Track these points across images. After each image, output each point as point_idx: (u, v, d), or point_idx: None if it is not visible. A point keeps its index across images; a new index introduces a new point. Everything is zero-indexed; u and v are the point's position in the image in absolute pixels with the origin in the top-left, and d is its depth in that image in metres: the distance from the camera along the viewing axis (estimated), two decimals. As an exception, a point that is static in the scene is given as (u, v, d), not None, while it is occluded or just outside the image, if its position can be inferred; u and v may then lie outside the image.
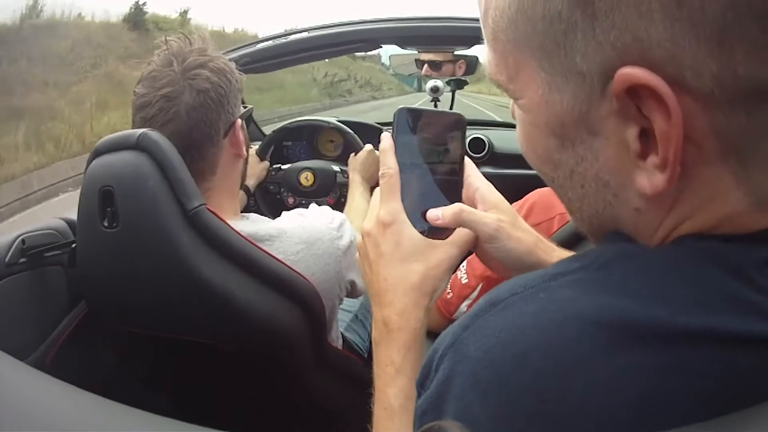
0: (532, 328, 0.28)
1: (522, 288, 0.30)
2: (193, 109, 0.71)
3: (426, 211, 0.46)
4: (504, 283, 0.32)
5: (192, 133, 0.72)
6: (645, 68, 0.26)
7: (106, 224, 0.66)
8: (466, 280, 0.90)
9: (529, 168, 0.38)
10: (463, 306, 0.91)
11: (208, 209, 0.67)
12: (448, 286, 0.93)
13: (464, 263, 0.91)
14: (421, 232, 0.46)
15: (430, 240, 0.46)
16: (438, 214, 0.45)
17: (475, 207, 0.48)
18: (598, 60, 0.28)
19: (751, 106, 0.27)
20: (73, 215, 0.74)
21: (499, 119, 1.82)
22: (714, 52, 0.26)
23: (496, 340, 0.29)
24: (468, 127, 1.69)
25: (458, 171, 0.49)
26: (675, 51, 0.26)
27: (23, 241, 0.73)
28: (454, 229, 0.46)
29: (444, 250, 0.46)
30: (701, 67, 0.26)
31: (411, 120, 0.48)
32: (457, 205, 0.46)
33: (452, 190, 0.48)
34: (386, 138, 0.48)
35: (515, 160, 0.51)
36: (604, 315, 0.28)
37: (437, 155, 0.48)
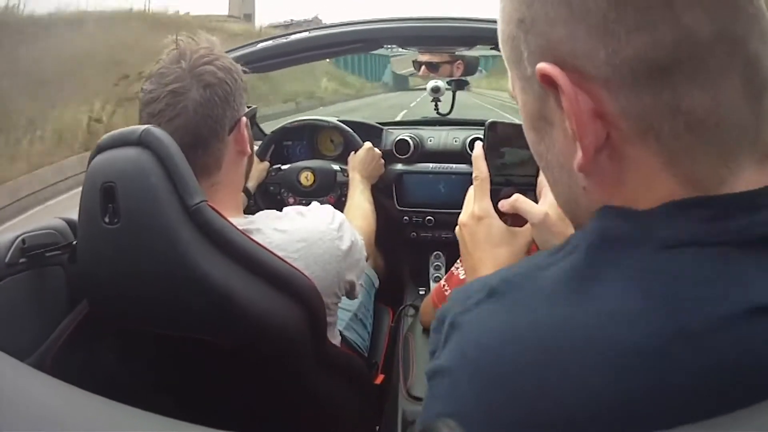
0: (518, 315, 0.32)
1: (514, 276, 0.35)
2: (200, 104, 0.72)
3: None
4: (501, 271, 0.37)
5: (198, 128, 0.73)
6: (551, 63, 0.32)
7: (107, 221, 0.66)
8: (464, 276, 0.90)
9: None
10: None
11: (210, 206, 0.67)
12: (445, 283, 0.95)
13: (460, 261, 0.92)
14: (504, 221, 0.59)
15: (512, 228, 0.59)
16: (504, 203, 0.58)
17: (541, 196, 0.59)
18: (533, 64, 0.34)
19: (654, 86, 0.30)
20: (74, 214, 0.74)
21: (511, 117, 1.83)
22: (602, 40, 0.30)
23: (487, 322, 0.33)
24: (469, 126, 1.70)
25: (533, 171, 0.59)
26: (572, 46, 0.32)
27: (23, 240, 0.73)
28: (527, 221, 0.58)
29: (522, 235, 0.59)
30: (593, 55, 0.31)
31: (497, 131, 0.61)
32: (515, 195, 0.58)
33: (528, 186, 0.60)
34: (478, 147, 0.61)
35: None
36: (584, 303, 0.30)
37: (517, 158, 0.60)
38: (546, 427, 0.28)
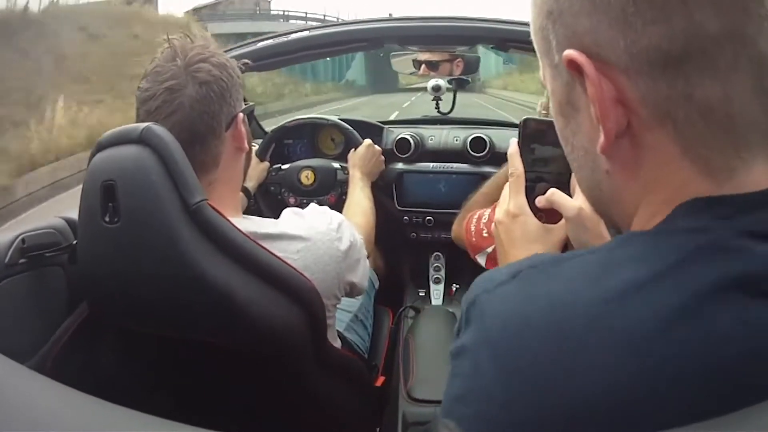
0: (540, 297, 0.33)
1: (538, 263, 0.37)
2: (196, 101, 0.72)
3: None
4: (529, 258, 0.38)
5: (195, 125, 0.73)
6: (575, 50, 0.35)
7: (107, 219, 0.65)
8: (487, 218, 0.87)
9: None
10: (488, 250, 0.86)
11: (210, 205, 0.67)
12: (485, 227, 0.89)
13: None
14: (538, 218, 0.60)
15: (547, 225, 0.60)
16: (540, 198, 0.60)
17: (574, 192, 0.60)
18: (560, 53, 0.37)
19: (668, 75, 0.32)
20: (74, 214, 0.74)
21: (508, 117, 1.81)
22: (622, 30, 0.33)
23: (508, 304, 0.35)
24: (469, 126, 1.69)
25: (567, 167, 0.59)
26: (596, 36, 0.34)
27: (23, 240, 0.73)
28: (561, 216, 0.59)
29: (557, 233, 0.60)
30: (614, 44, 0.33)
31: (531, 127, 0.60)
32: (550, 191, 0.59)
33: (562, 183, 0.60)
34: (513, 143, 0.61)
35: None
36: (604, 290, 0.31)
37: (551, 155, 0.60)
38: (561, 416, 0.29)
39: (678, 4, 0.31)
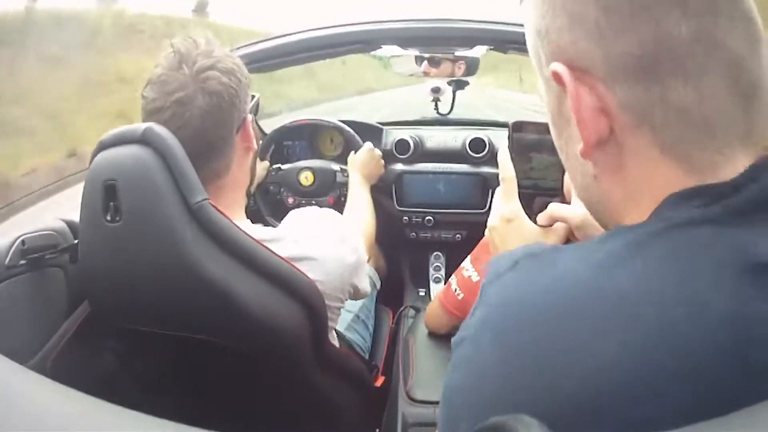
0: (537, 281, 0.35)
1: (536, 251, 0.38)
2: (207, 112, 0.71)
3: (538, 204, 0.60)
4: (526, 245, 0.40)
5: (207, 136, 0.72)
6: (559, 62, 0.37)
7: (108, 218, 0.65)
8: (477, 278, 0.90)
9: None
10: None
11: (212, 204, 0.67)
12: (458, 287, 0.93)
13: (471, 263, 0.91)
14: (533, 221, 0.59)
15: (543, 228, 0.59)
16: (542, 215, 0.59)
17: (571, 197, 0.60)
18: (547, 67, 0.39)
19: (643, 81, 0.34)
20: (74, 216, 0.74)
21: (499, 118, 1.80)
22: (597, 41, 0.35)
23: (509, 290, 0.36)
24: (468, 126, 1.69)
25: (558, 167, 0.58)
26: (576, 48, 0.36)
27: (23, 242, 0.73)
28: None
29: (555, 233, 0.60)
30: (591, 55, 0.35)
31: (521, 129, 0.60)
32: (550, 206, 0.58)
33: (556, 182, 0.60)
34: (504, 148, 0.61)
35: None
36: (593, 277, 0.33)
37: (543, 155, 0.59)
38: (559, 398, 0.29)
39: (644, 12, 0.33)
